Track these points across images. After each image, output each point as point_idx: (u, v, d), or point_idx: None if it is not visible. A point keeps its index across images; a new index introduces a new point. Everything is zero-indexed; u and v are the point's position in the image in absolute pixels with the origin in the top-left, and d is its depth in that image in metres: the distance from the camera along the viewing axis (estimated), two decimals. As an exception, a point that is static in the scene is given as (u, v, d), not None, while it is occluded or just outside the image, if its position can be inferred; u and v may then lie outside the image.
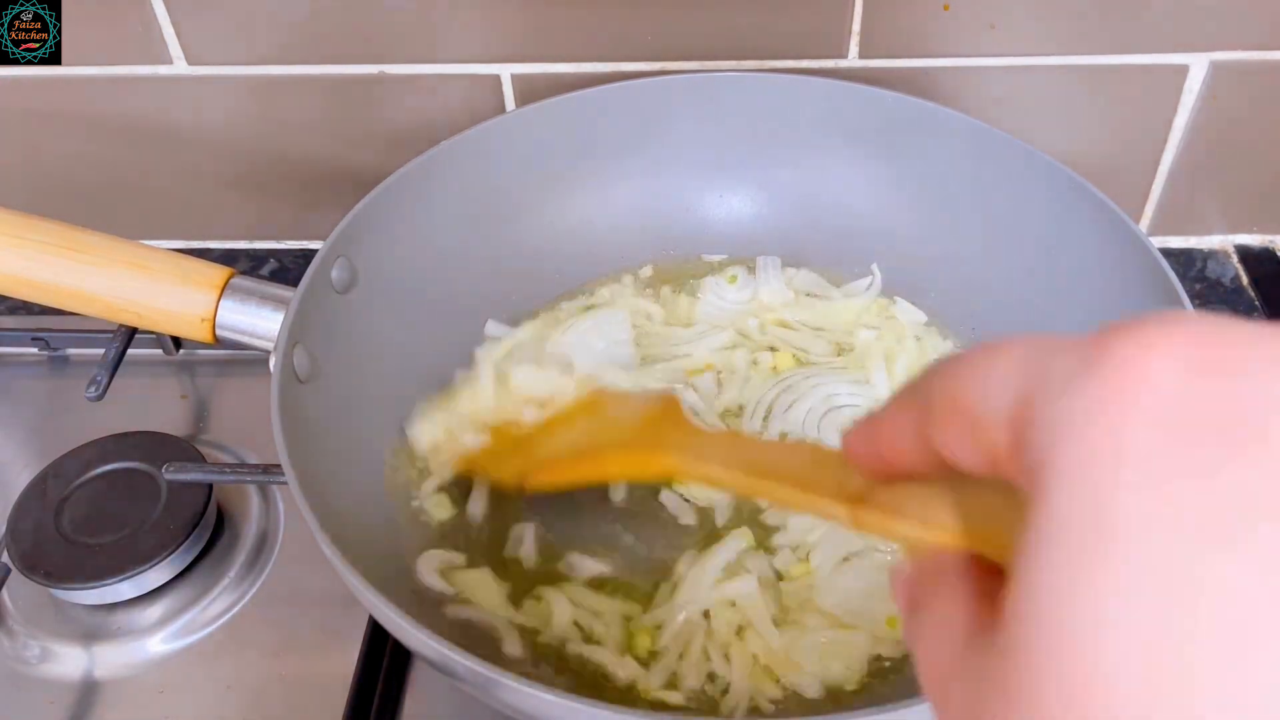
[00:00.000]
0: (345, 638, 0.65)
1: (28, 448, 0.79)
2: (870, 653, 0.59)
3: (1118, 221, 0.65)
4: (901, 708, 0.43)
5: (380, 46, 0.83)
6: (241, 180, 0.91)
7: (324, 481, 0.57)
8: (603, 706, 0.44)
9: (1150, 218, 0.91)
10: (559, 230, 0.80)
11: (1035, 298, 0.72)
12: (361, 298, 0.68)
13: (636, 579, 0.62)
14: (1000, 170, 0.73)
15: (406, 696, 0.64)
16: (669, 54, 0.82)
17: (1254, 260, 0.91)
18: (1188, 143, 0.85)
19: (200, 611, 0.68)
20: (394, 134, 0.87)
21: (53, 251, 0.62)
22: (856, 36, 0.80)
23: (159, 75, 0.85)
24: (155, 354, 0.81)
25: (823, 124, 0.78)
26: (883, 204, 0.79)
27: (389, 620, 0.49)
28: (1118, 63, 0.81)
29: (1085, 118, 0.84)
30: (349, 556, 0.50)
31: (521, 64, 0.83)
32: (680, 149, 0.81)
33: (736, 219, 0.83)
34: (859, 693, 0.58)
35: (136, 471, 0.72)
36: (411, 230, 0.72)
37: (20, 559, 0.67)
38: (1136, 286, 0.64)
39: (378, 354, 0.69)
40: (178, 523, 0.69)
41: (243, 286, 0.64)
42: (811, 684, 0.58)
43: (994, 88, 0.83)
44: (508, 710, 0.49)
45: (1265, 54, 0.80)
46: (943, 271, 0.77)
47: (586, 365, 0.71)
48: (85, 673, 0.65)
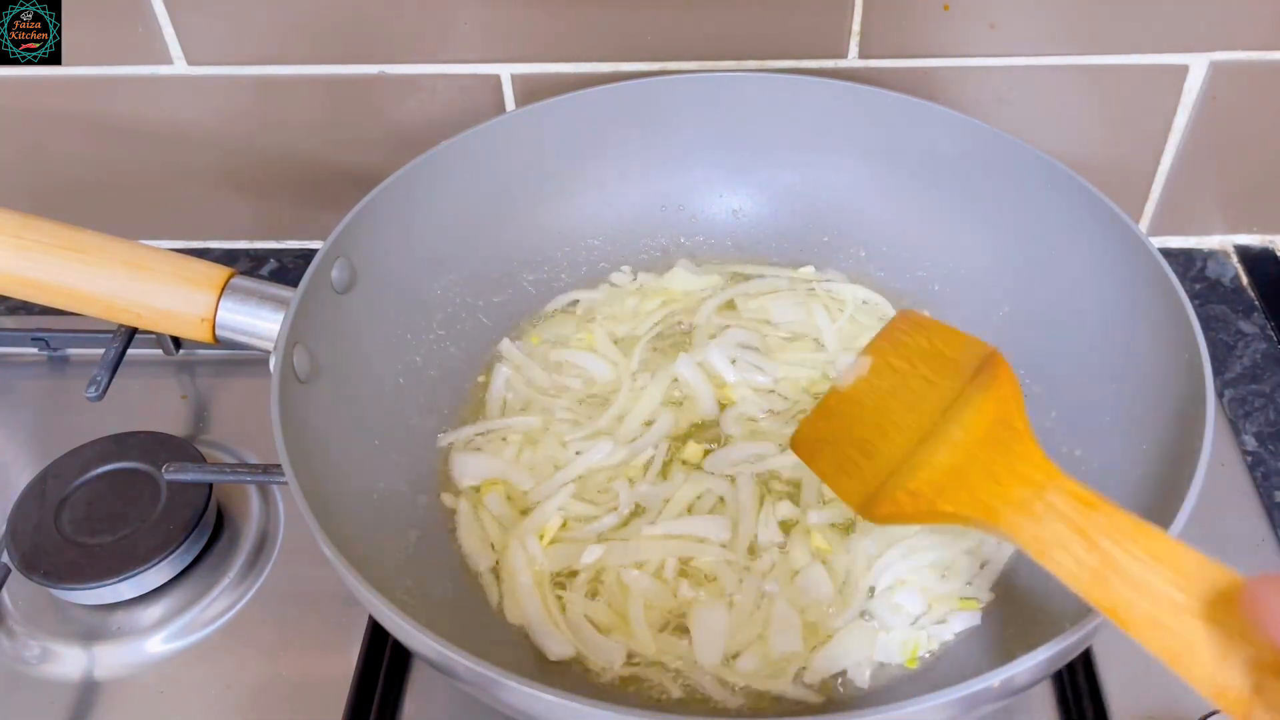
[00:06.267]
0: (345, 638, 0.65)
1: (28, 448, 0.79)
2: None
3: (1118, 221, 0.65)
4: (902, 707, 0.43)
5: (380, 46, 0.83)
6: (241, 180, 0.91)
7: (324, 481, 0.57)
8: (603, 706, 0.44)
9: (1150, 218, 0.91)
10: (559, 230, 0.81)
11: (1035, 298, 0.72)
12: (361, 298, 0.68)
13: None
14: (1000, 170, 0.73)
15: (406, 696, 0.64)
16: (669, 54, 0.82)
17: (1254, 260, 0.91)
18: (1188, 143, 0.85)
19: (200, 611, 0.68)
20: (394, 134, 0.87)
21: (53, 251, 0.62)
22: (856, 36, 0.80)
23: (159, 75, 0.85)
24: (155, 354, 0.81)
25: (823, 124, 0.79)
26: (882, 204, 0.79)
27: (389, 620, 0.49)
28: (1118, 63, 0.81)
29: (1085, 118, 0.84)
30: (349, 556, 0.50)
31: (521, 64, 0.83)
32: (680, 149, 0.81)
33: (736, 219, 0.83)
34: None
35: (136, 471, 0.72)
36: (411, 230, 0.72)
37: (20, 559, 0.67)
38: (1136, 286, 0.64)
39: (378, 354, 0.69)
40: (178, 523, 0.69)
41: (243, 286, 0.64)
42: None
43: (994, 88, 0.83)
44: (508, 710, 0.49)
45: (1265, 54, 0.80)
46: (942, 271, 0.78)
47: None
48: (85, 673, 0.65)
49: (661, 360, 0.75)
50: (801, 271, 0.80)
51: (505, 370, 0.74)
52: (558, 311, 0.79)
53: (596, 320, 0.78)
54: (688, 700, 0.58)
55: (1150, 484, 0.57)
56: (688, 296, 0.79)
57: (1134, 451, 0.60)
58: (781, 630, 0.60)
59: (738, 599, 0.61)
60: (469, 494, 0.68)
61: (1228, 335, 0.84)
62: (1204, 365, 0.56)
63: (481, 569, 0.64)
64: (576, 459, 0.69)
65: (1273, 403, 0.79)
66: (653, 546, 0.64)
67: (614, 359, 0.75)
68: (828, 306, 0.78)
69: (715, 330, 0.76)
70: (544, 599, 0.62)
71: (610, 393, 0.73)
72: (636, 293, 0.80)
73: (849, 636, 0.60)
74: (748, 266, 0.81)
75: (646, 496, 0.67)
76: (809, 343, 0.76)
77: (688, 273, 0.80)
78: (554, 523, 0.65)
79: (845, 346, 0.75)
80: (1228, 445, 0.75)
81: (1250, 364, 0.82)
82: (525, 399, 0.73)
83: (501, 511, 0.67)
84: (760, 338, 0.76)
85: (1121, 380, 0.64)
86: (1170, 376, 0.60)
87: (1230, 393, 0.80)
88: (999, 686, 0.45)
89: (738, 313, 0.78)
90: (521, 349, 0.76)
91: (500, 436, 0.71)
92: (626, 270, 0.81)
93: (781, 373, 0.73)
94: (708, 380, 0.73)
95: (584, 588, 0.63)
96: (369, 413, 0.67)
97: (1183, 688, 0.40)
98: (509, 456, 0.69)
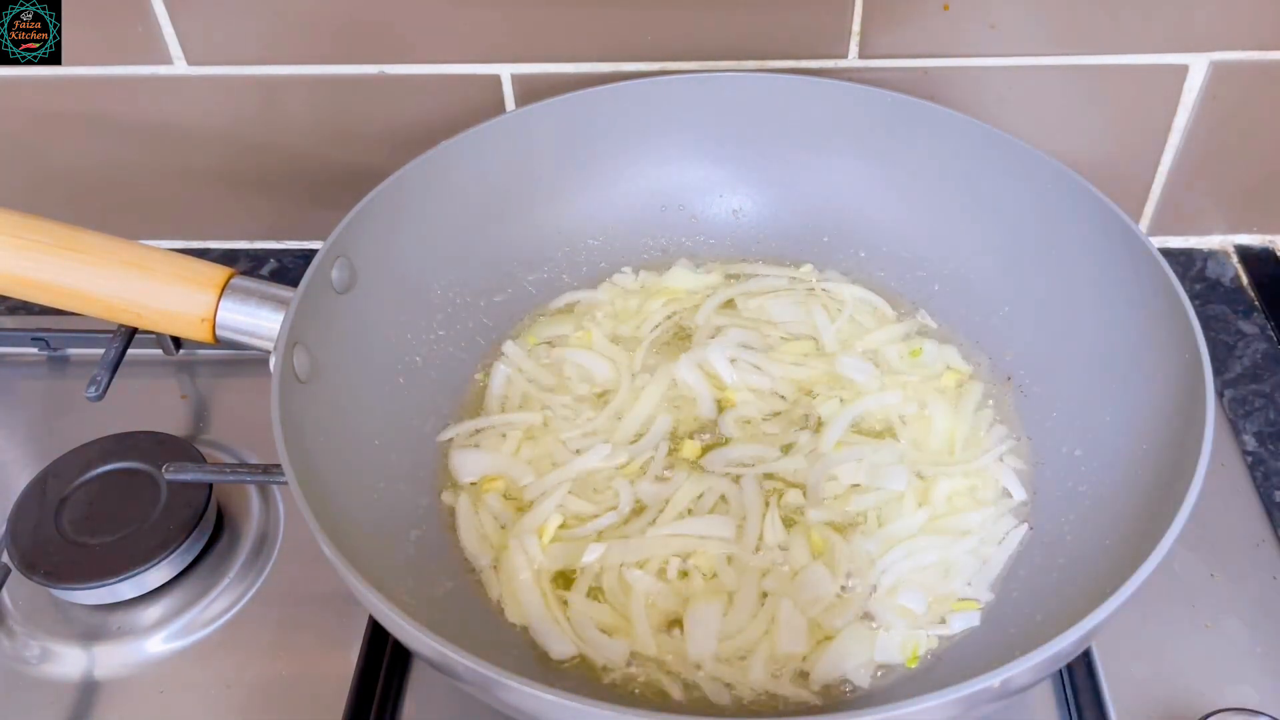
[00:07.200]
0: (345, 638, 0.65)
1: (28, 448, 0.79)
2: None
3: (1118, 221, 0.65)
4: (902, 707, 0.43)
5: (380, 46, 0.83)
6: (241, 180, 0.91)
7: (324, 481, 0.57)
8: (603, 706, 0.44)
9: (1150, 218, 0.91)
10: (559, 230, 0.81)
11: (1035, 298, 0.72)
12: (361, 298, 0.68)
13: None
14: (1000, 170, 0.73)
15: (406, 696, 0.64)
16: (669, 54, 0.82)
17: (1254, 260, 0.91)
18: (1188, 143, 0.85)
19: (200, 611, 0.68)
20: (394, 134, 0.87)
21: (53, 251, 0.63)
22: (856, 36, 0.80)
23: (159, 75, 0.85)
24: (155, 354, 0.81)
25: (822, 124, 0.79)
26: (882, 204, 0.79)
27: (389, 620, 0.49)
28: (1118, 63, 0.81)
29: (1085, 118, 0.84)
30: (349, 556, 0.50)
31: (521, 64, 0.83)
32: (680, 149, 0.81)
33: (736, 219, 0.83)
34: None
35: (136, 471, 0.72)
36: (411, 230, 0.72)
37: (20, 559, 0.67)
38: (1136, 286, 0.64)
39: (378, 354, 0.69)
40: (178, 523, 0.69)
41: (243, 286, 0.64)
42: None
43: (994, 88, 0.83)
44: (508, 710, 0.49)
45: (1265, 54, 0.80)
46: (942, 271, 0.78)
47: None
48: (85, 673, 0.65)
49: (661, 360, 0.75)
50: (801, 271, 0.80)
51: (505, 369, 0.74)
52: (558, 311, 0.79)
53: (597, 320, 0.78)
54: (688, 700, 0.58)
55: (1150, 484, 0.57)
56: (690, 295, 0.79)
57: (1134, 451, 0.60)
58: (789, 631, 0.60)
59: (739, 597, 0.61)
60: (469, 491, 0.68)
61: (1228, 335, 0.84)
62: (1204, 365, 0.56)
63: (482, 567, 0.64)
64: (575, 459, 0.69)
65: (1273, 403, 0.79)
66: (655, 544, 0.64)
67: (613, 358, 0.75)
68: (827, 306, 0.78)
69: (715, 330, 0.77)
70: (545, 598, 0.62)
71: (609, 392, 0.73)
72: (639, 292, 0.80)
73: (850, 638, 0.60)
74: (748, 266, 0.81)
75: (647, 495, 0.67)
76: (808, 343, 0.76)
77: (687, 271, 0.80)
78: (553, 521, 0.65)
79: (844, 346, 0.75)
80: (1228, 445, 0.75)
81: (1250, 364, 0.82)
82: (525, 396, 0.73)
83: (501, 510, 0.67)
84: (760, 337, 0.76)
85: (1121, 380, 0.64)
86: (1170, 376, 0.60)
87: (1230, 393, 0.80)
88: (999, 686, 0.45)
89: (738, 312, 0.78)
90: (521, 348, 0.76)
91: (500, 433, 0.71)
92: (628, 270, 0.81)
93: (781, 373, 0.73)
94: (707, 382, 0.73)
95: (586, 587, 0.62)
96: (369, 412, 0.67)
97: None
98: (508, 451, 0.69)
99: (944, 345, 0.75)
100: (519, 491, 0.68)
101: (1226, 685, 0.62)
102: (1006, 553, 0.63)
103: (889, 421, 0.71)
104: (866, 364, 0.74)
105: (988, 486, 0.67)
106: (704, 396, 0.72)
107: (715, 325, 0.77)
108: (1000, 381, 0.72)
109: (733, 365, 0.73)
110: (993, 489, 0.67)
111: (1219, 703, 0.60)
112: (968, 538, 0.64)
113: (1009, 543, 0.64)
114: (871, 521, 0.65)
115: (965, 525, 0.65)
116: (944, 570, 0.63)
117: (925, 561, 0.63)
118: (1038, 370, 0.71)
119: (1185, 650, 0.63)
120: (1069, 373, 0.68)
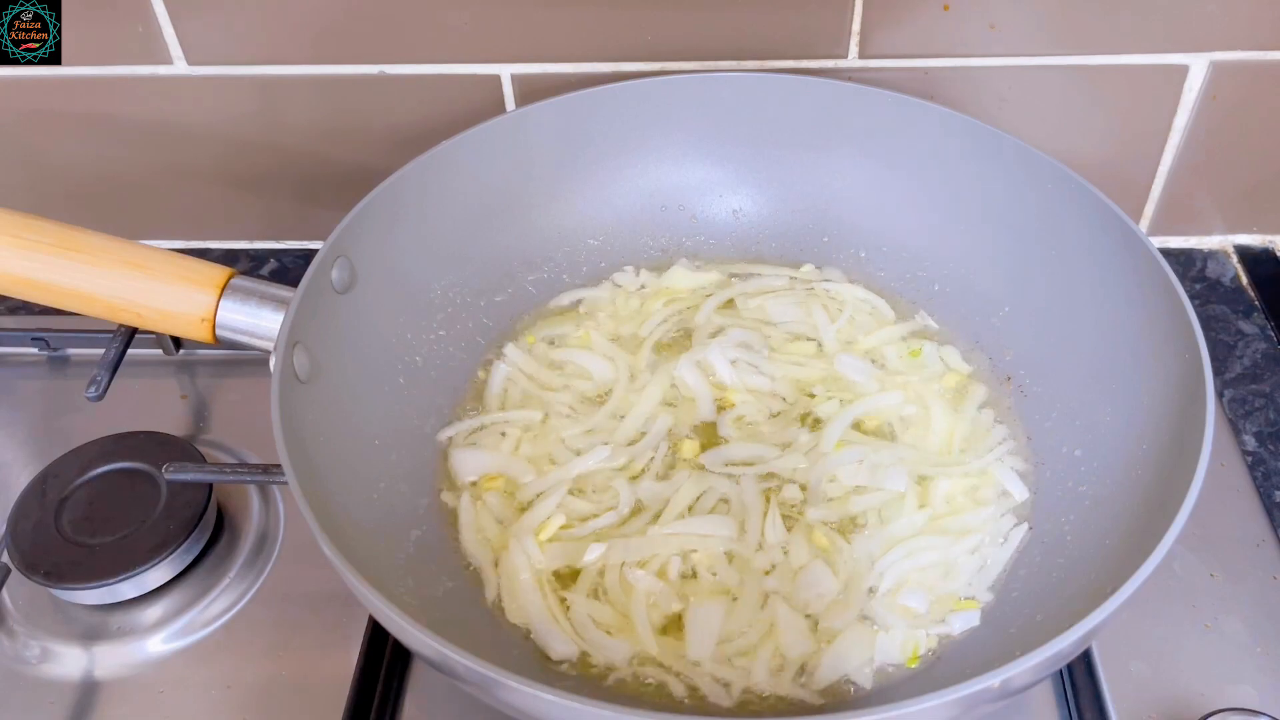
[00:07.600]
0: (345, 638, 0.65)
1: (28, 448, 0.79)
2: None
3: (1118, 221, 0.65)
4: (902, 707, 0.43)
5: (380, 46, 0.83)
6: (241, 180, 0.91)
7: (324, 481, 0.57)
8: (604, 706, 0.44)
9: (1150, 218, 0.91)
10: (559, 230, 0.81)
11: (1035, 298, 0.72)
12: (361, 298, 0.68)
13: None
14: (1000, 170, 0.73)
15: (406, 696, 0.64)
16: (669, 54, 0.82)
17: (1254, 260, 0.91)
18: (1188, 143, 0.85)
19: (200, 611, 0.68)
20: (394, 134, 0.87)
21: (53, 251, 0.62)
22: (856, 36, 0.80)
23: (159, 75, 0.85)
24: (155, 354, 0.81)
25: (823, 124, 0.79)
26: (882, 204, 0.79)
27: (389, 620, 0.49)
28: (1118, 63, 0.81)
29: (1085, 118, 0.84)
30: (349, 556, 0.50)
31: (521, 64, 0.83)
32: (680, 149, 0.81)
33: (736, 219, 0.83)
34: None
35: (136, 471, 0.72)
36: (411, 230, 0.72)
37: (20, 559, 0.67)
38: (1136, 286, 0.64)
39: (378, 354, 0.69)
40: (178, 523, 0.69)
41: (243, 286, 0.64)
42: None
43: (994, 88, 0.83)
44: (508, 710, 0.49)
45: (1265, 54, 0.80)
46: (942, 271, 0.78)
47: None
48: (85, 673, 0.65)
49: (661, 360, 0.75)
50: (801, 271, 0.80)
51: (505, 368, 0.74)
52: (558, 311, 0.79)
53: (597, 320, 0.78)
54: (689, 701, 0.58)
55: (1150, 484, 0.57)
56: (690, 295, 0.79)
57: (1134, 451, 0.60)
58: (792, 632, 0.60)
59: (741, 597, 0.61)
60: (469, 490, 0.68)
61: (1228, 335, 0.84)
62: (1204, 365, 0.56)
63: (482, 566, 0.64)
64: (575, 460, 0.69)
65: (1273, 403, 0.79)
66: (657, 543, 0.64)
67: (613, 357, 0.75)
68: (827, 306, 0.78)
69: (715, 330, 0.77)
70: (545, 598, 0.62)
71: (609, 392, 0.73)
72: (639, 292, 0.80)
73: (851, 638, 0.60)
74: (748, 266, 0.81)
75: (647, 495, 0.67)
76: (808, 343, 0.76)
77: (687, 271, 0.80)
78: (554, 521, 0.65)
79: (844, 346, 0.75)
80: (1228, 445, 0.75)
81: (1250, 364, 0.82)
82: (525, 395, 0.73)
83: (501, 510, 0.67)
84: (761, 338, 0.76)
85: (1121, 380, 0.64)
86: (1170, 377, 0.60)
87: (1230, 393, 0.80)
88: (999, 686, 0.45)
89: (738, 312, 0.78)
90: (521, 348, 0.76)
91: (499, 431, 0.71)
92: (628, 270, 0.81)
93: (780, 373, 0.73)
94: (707, 382, 0.73)
95: (587, 587, 0.63)
96: (369, 412, 0.67)
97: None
98: (507, 450, 0.70)
99: (944, 346, 0.75)
100: (520, 490, 0.68)
101: (1226, 685, 0.62)
102: (1007, 553, 0.63)
103: (889, 422, 0.71)
104: (866, 364, 0.74)
105: (988, 486, 0.67)
106: (704, 397, 0.72)
107: (715, 325, 0.77)
108: (1000, 381, 0.72)
109: (733, 366, 0.73)
110: (993, 489, 0.67)
111: (1219, 703, 0.60)
112: (968, 538, 0.64)
113: (1009, 543, 0.64)
114: (872, 522, 0.65)
115: (965, 525, 0.65)
116: (944, 570, 0.63)
117: (926, 561, 0.63)
118: (1038, 370, 0.71)
119: (1185, 650, 0.63)
120: (1069, 373, 0.68)
